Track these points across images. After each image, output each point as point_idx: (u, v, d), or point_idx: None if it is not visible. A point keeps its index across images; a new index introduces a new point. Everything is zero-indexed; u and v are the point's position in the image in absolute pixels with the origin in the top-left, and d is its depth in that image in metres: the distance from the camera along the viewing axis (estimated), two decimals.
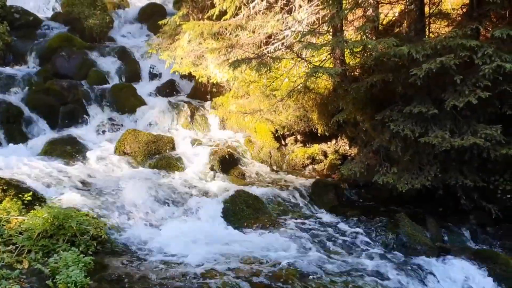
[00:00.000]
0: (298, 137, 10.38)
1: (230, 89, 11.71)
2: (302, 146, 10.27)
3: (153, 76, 13.67)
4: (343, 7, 8.06)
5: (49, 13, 16.51)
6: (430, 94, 7.32)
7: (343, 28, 8.79)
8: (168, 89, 12.96)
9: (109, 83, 12.64)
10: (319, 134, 9.75)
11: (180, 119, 11.32)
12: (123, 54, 13.94)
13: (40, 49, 13.51)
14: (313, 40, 8.01)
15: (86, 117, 11.27)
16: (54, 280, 5.24)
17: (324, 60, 8.82)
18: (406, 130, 7.01)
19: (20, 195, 6.77)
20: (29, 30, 14.32)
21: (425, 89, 7.27)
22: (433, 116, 7.01)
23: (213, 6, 10.72)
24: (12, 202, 6.49)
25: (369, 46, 6.71)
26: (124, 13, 17.57)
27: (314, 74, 7.24)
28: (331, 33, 8.93)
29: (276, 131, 10.26)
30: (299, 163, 10.09)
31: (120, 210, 7.48)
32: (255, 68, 7.63)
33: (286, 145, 10.45)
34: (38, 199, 7.03)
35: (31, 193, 6.90)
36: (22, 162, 8.42)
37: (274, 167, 10.03)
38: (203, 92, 12.23)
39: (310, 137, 10.28)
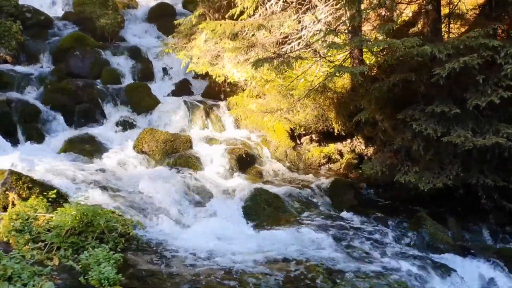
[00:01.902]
0: (313, 136, 10.42)
1: (244, 89, 11.77)
2: (317, 146, 10.31)
3: (165, 75, 13.71)
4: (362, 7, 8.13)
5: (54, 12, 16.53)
6: (451, 93, 7.36)
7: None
8: (181, 89, 13.03)
9: (122, 83, 12.68)
10: (335, 134, 9.79)
11: (195, 118, 11.37)
12: (136, 54, 14.00)
13: (53, 49, 13.55)
14: (336, 39, 8.03)
15: (102, 116, 11.33)
16: (86, 277, 5.28)
17: (340, 59, 8.90)
18: (428, 130, 7.04)
19: (44, 193, 6.80)
20: (41, 29, 14.35)
21: (446, 88, 7.30)
22: (455, 115, 7.03)
23: (229, 6, 10.80)
24: (39, 200, 6.51)
25: (394, 45, 6.72)
26: (134, 13, 17.56)
27: (337, 74, 7.28)
28: (346, 33, 8.98)
29: (292, 130, 10.30)
30: (315, 162, 10.13)
31: (143, 208, 7.52)
32: (276, 67, 7.66)
33: (301, 144, 10.49)
34: (62, 197, 7.07)
35: (55, 191, 6.93)
36: (43, 160, 8.44)
37: (290, 166, 10.07)
38: (216, 92, 12.28)
39: (325, 137, 10.32)
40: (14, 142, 9.69)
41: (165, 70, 13.79)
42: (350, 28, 8.44)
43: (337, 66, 7.62)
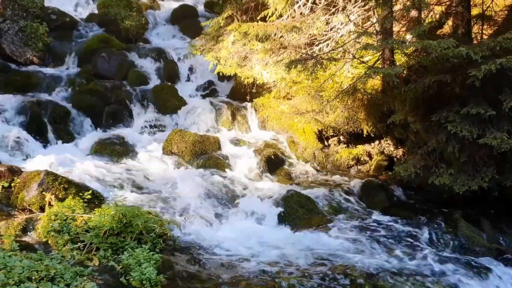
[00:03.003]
0: (341, 137, 10.40)
1: (270, 90, 11.77)
2: (345, 147, 10.28)
3: (191, 77, 13.75)
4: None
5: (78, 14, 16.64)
6: (485, 95, 7.30)
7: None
8: (207, 90, 13.03)
9: (149, 84, 12.75)
10: (364, 135, 9.76)
11: (221, 119, 11.40)
12: (161, 55, 14.04)
13: (79, 50, 13.62)
14: (368, 41, 8.02)
15: (129, 117, 11.40)
16: (127, 277, 5.31)
17: (368, 61, 8.87)
18: (464, 131, 6.99)
19: (80, 194, 6.87)
20: (66, 31, 14.41)
21: (481, 90, 7.24)
22: (490, 117, 6.99)
23: (256, 7, 10.81)
24: (76, 201, 6.58)
25: (430, 46, 6.69)
26: (157, 15, 17.64)
27: (372, 75, 7.26)
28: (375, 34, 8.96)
29: (320, 131, 10.28)
30: (343, 164, 10.10)
31: (176, 208, 7.56)
32: (309, 69, 7.67)
33: (329, 145, 10.47)
34: (96, 198, 7.16)
35: (90, 191, 7.01)
36: (75, 161, 8.52)
37: (319, 168, 10.05)
38: (242, 93, 12.27)
39: (353, 138, 10.29)
40: (45, 143, 9.76)
41: (190, 72, 13.82)
42: (381, 29, 8.41)
43: (372, 67, 7.59)
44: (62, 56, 13.60)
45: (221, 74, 11.25)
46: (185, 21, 16.96)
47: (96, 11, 16.53)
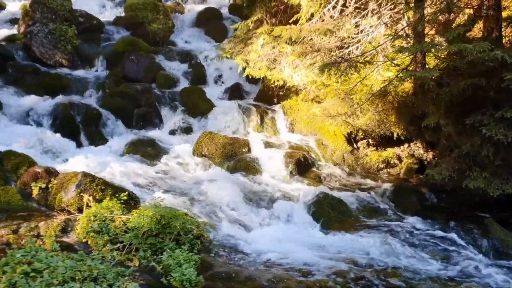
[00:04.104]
0: (370, 140, 10.39)
1: (297, 93, 11.81)
2: (374, 150, 10.28)
3: (218, 79, 13.85)
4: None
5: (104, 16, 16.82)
6: None
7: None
8: (233, 93, 13.09)
9: (177, 86, 12.86)
10: (394, 138, 9.74)
11: (250, 122, 11.45)
12: (187, 58, 14.18)
13: (107, 53, 13.77)
14: (404, 44, 8.04)
15: (159, 119, 11.50)
16: (167, 278, 5.39)
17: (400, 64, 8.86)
18: (498, 135, 6.97)
19: (116, 195, 6.96)
20: (93, 33, 14.59)
21: None
22: None
23: (285, 10, 10.87)
24: (113, 202, 6.66)
25: (466, 50, 6.68)
26: (181, 18, 17.78)
27: (407, 78, 7.28)
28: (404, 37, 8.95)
29: (349, 134, 10.29)
30: (373, 167, 10.10)
31: (210, 210, 7.63)
32: (343, 72, 7.71)
33: (358, 148, 10.47)
34: (132, 199, 7.22)
35: (126, 192, 7.09)
36: (109, 163, 8.62)
37: (348, 170, 10.05)
38: (269, 96, 12.33)
39: (382, 141, 10.28)
40: (78, 144, 9.91)
41: (217, 74, 13.91)
42: (414, 32, 8.41)
43: (407, 70, 7.60)
44: (90, 58, 13.77)
45: (250, 77, 11.30)
46: (210, 23, 17.08)
47: (120, 14, 16.78)
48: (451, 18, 9.80)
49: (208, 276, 5.55)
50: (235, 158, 9.65)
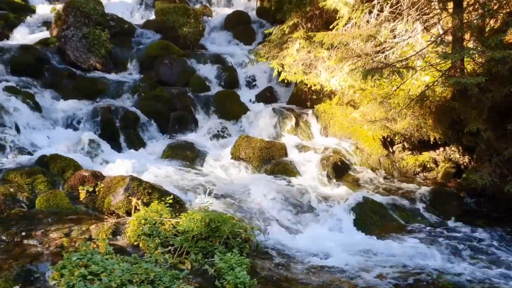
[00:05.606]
0: (406, 144, 10.40)
1: (330, 97, 11.85)
2: (410, 154, 10.28)
3: (251, 83, 13.95)
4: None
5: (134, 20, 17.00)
6: None
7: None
8: (266, 96, 13.18)
9: (210, 90, 12.99)
10: (431, 142, 9.74)
11: (284, 125, 11.51)
12: (219, 61, 14.27)
13: (139, 56, 13.95)
14: (446, 50, 8.07)
15: (194, 123, 11.64)
16: (220, 281, 5.49)
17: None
18: None
19: (162, 198, 7.07)
20: (125, 37, 14.76)
21: None
22: None
23: (321, 15, 10.93)
24: (162, 205, 6.77)
25: (510, 56, 6.71)
26: (210, 21, 17.91)
27: (451, 84, 7.32)
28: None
29: (384, 138, 10.30)
30: (410, 171, 10.10)
31: (252, 214, 7.71)
32: (386, 77, 7.78)
33: (393, 152, 10.48)
34: (177, 202, 7.32)
35: (171, 196, 7.21)
36: (150, 166, 8.76)
37: (385, 174, 10.07)
38: (303, 99, 12.38)
39: (418, 145, 10.27)
40: (118, 148, 10.08)
41: (249, 78, 14.01)
42: (453, 38, 8.43)
43: (449, 76, 7.64)
44: (123, 62, 13.98)
45: (285, 81, 11.38)
46: (238, 27, 17.21)
47: (150, 18, 16.98)
48: (486, 23, 9.79)
49: (259, 279, 5.64)
50: (272, 161, 9.71)
